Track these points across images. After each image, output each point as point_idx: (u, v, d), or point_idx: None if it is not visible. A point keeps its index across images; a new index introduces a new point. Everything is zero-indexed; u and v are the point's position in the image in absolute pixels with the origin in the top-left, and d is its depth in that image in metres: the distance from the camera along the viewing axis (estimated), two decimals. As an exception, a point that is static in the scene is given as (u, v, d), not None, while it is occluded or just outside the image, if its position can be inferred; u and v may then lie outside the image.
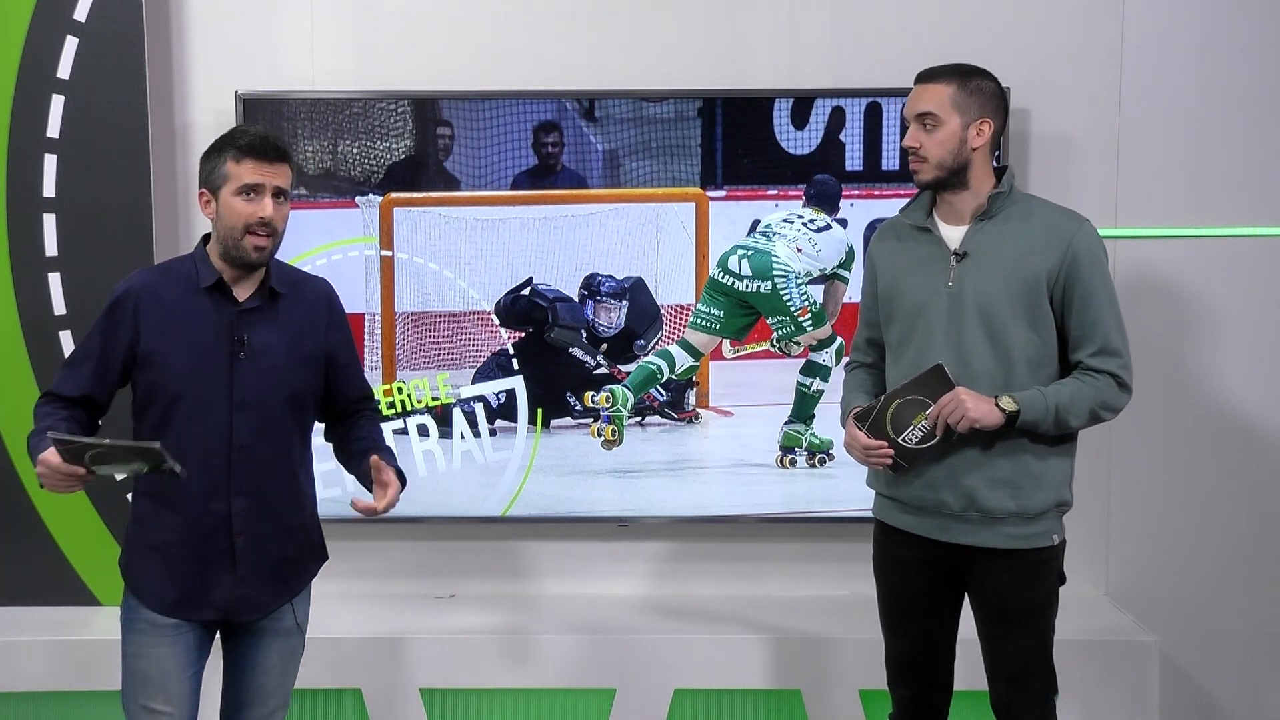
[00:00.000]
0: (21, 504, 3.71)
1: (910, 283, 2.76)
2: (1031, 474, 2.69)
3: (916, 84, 2.73)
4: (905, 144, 2.72)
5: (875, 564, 2.91)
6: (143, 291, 2.62)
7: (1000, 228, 2.70)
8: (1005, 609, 2.75)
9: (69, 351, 3.67)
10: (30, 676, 3.57)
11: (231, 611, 2.66)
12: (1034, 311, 2.66)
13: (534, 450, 3.82)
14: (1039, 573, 2.74)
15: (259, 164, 2.56)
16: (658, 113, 3.73)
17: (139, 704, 2.65)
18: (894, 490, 2.79)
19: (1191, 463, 3.83)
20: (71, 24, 3.60)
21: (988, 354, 2.67)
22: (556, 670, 3.62)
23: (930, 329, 2.72)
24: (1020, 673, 2.76)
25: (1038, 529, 2.72)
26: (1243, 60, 3.73)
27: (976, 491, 2.69)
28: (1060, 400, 2.63)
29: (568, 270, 3.76)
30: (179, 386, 2.58)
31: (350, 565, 3.72)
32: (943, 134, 2.67)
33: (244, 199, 2.56)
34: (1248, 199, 3.76)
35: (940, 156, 2.68)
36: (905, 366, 2.75)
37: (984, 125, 2.69)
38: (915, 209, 2.81)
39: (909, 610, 2.85)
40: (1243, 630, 3.86)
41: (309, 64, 3.78)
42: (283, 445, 2.67)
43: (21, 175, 3.64)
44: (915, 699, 2.90)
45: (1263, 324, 3.79)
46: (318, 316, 2.73)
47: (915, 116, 2.70)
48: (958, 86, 2.68)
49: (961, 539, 2.73)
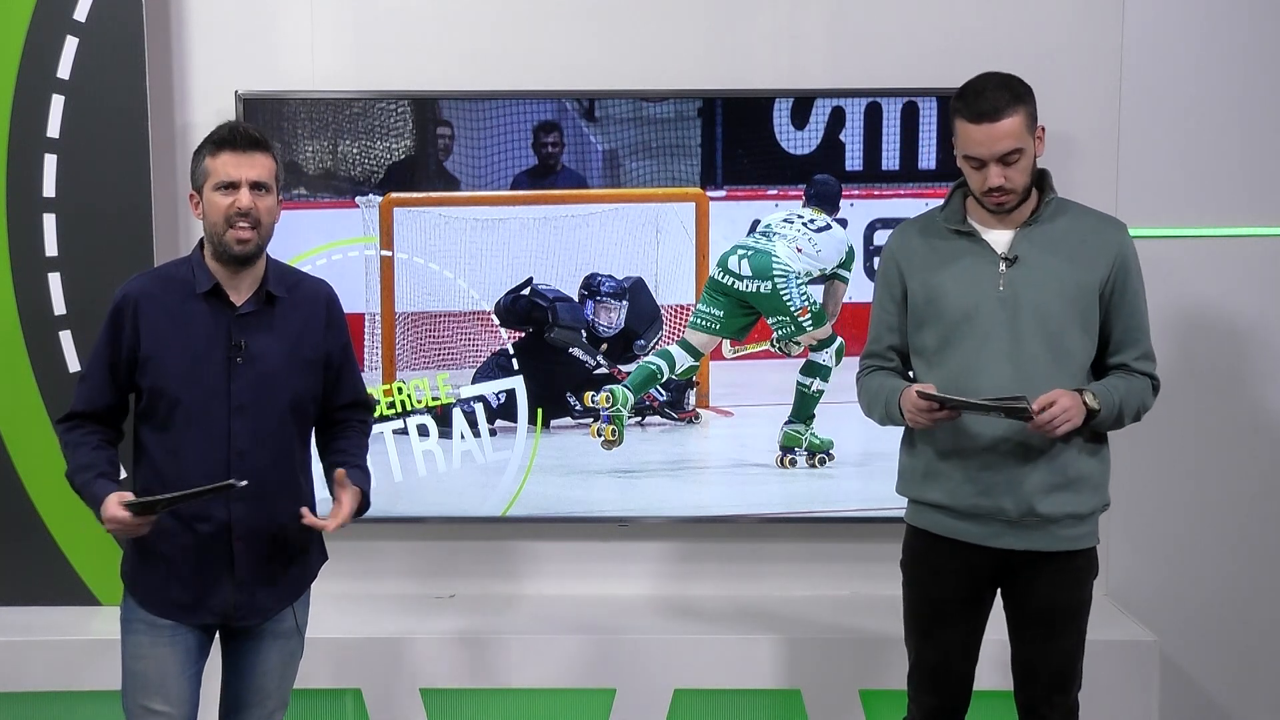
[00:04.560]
0: (21, 504, 3.71)
1: (951, 286, 2.70)
2: (1083, 476, 2.70)
3: (984, 122, 2.59)
4: (991, 185, 2.61)
5: (910, 572, 2.85)
6: (140, 297, 2.62)
7: (1049, 233, 2.68)
8: (1053, 610, 2.74)
9: (69, 351, 3.68)
10: (30, 676, 3.57)
11: (231, 616, 2.65)
12: (1086, 316, 2.67)
13: (534, 450, 3.82)
14: (1084, 573, 2.76)
15: (233, 155, 2.57)
16: (658, 113, 3.73)
17: (138, 704, 2.65)
18: (946, 498, 2.73)
19: (1192, 463, 3.83)
20: (71, 24, 3.60)
21: (1046, 360, 2.65)
22: (556, 670, 3.61)
23: (982, 335, 2.67)
24: (1066, 671, 2.76)
25: (1087, 529, 2.73)
26: (1243, 60, 3.73)
27: (1035, 497, 2.67)
28: (1121, 396, 2.65)
29: (568, 270, 3.76)
30: (177, 391, 2.58)
31: (350, 565, 3.72)
32: (1025, 162, 2.63)
33: (222, 193, 2.57)
34: (1248, 199, 3.76)
35: (1025, 183, 2.66)
36: (951, 372, 2.69)
37: (1040, 133, 2.68)
38: (952, 211, 2.75)
39: (945, 620, 2.80)
40: (1243, 630, 3.86)
41: (309, 64, 3.78)
42: (282, 449, 2.66)
43: (21, 175, 3.64)
44: (939, 709, 2.86)
45: (1263, 324, 3.79)
46: (316, 318, 2.72)
47: (997, 158, 2.60)
48: (1024, 112, 2.61)
49: (1015, 545, 2.70)
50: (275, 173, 2.63)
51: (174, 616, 2.63)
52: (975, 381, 2.64)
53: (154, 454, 2.62)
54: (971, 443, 2.69)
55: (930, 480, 2.76)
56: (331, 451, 2.78)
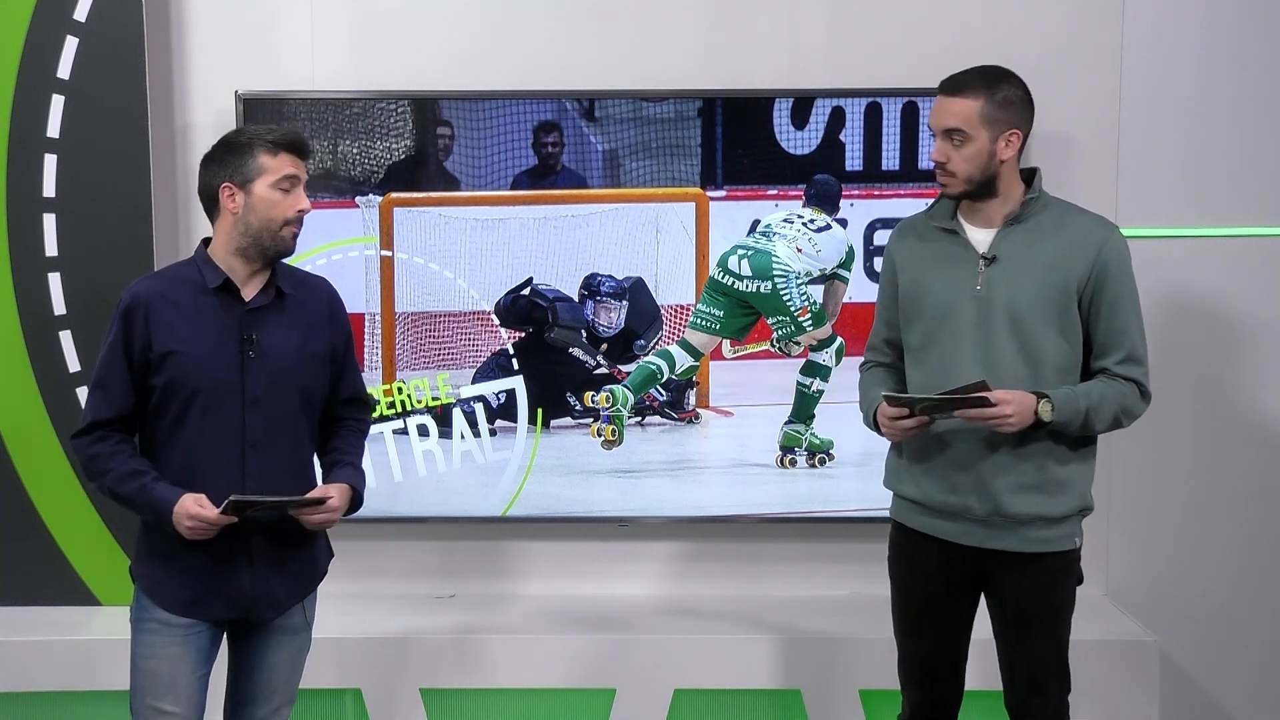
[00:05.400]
0: (21, 504, 3.71)
1: (935, 285, 2.72)
2: (1056, 479, 2.68)
3: (941, 94, 2.64)
4: (933, 158, 2.65)
5: (892, 566, 2.88)
6: (150, 297, 2.62)
7: (1030, 233, 2.67)
8: (1026, 612, 2.73)
9: (69, 351, 3.67)
10: (30, 676, 3.56)
11: (249, 610, 2.66)
12: (1064, 318, 2.65)
13: (534, 450, 3.82)
14: (1060, 576, 2.74)
15: (294, 158, 2.62)
16: (658, 113, 3.73)
17: (148, 704, 2.65)
18: (919, 494, 2.76)
19: (1192, 463, 3.83)
20: (71, 24, 3.59)
21: (1017, 360, 2.65)
22: (556, 670, 3.61)
23: (958, 333, 2.68)
24: (1040, 674, 2.75)
25: (1060, 532, 2.71)
26: (1243, 60, 3.73)
27: (1002, 497, 2.67)
28: (1091, 402, 2.62)
29: (568, 270, 3.76)
30: (192, 386, 2.59)
31: (350, 565, 3.70)
32: (971, 150, 2.61)
33: (282, 192, 2.60)
34: (1248, 199, 3.76)
35: (969, 172, 2.63)
36: (930, 370, 2.72)
37: (1013, 136, 2.63)
38: (940, 210, 2.77)
39: (926, 613, 2.82)
40: (1243, 630, 3.86)
41: (309, 64, 3.78)
42: (296, 443, 2.68)
43: (21, 175, 3.64)
44: (928, 703, 2.88)
45: (1263, 324, 3.79)
46: (321, 313, 2.74)
47: (942, 131, 2.63)
48: (985, 100, 2.60)
49: (985, 543, 2.71)
50: None
51: (191, 613, 2.64)
52: (950, 380, 2.64)
53: (165, 451, 2.62)
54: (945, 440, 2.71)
55: (907, 475, 2.78)
56: (327, 450, 2.80)
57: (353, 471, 2.74)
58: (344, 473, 2.71)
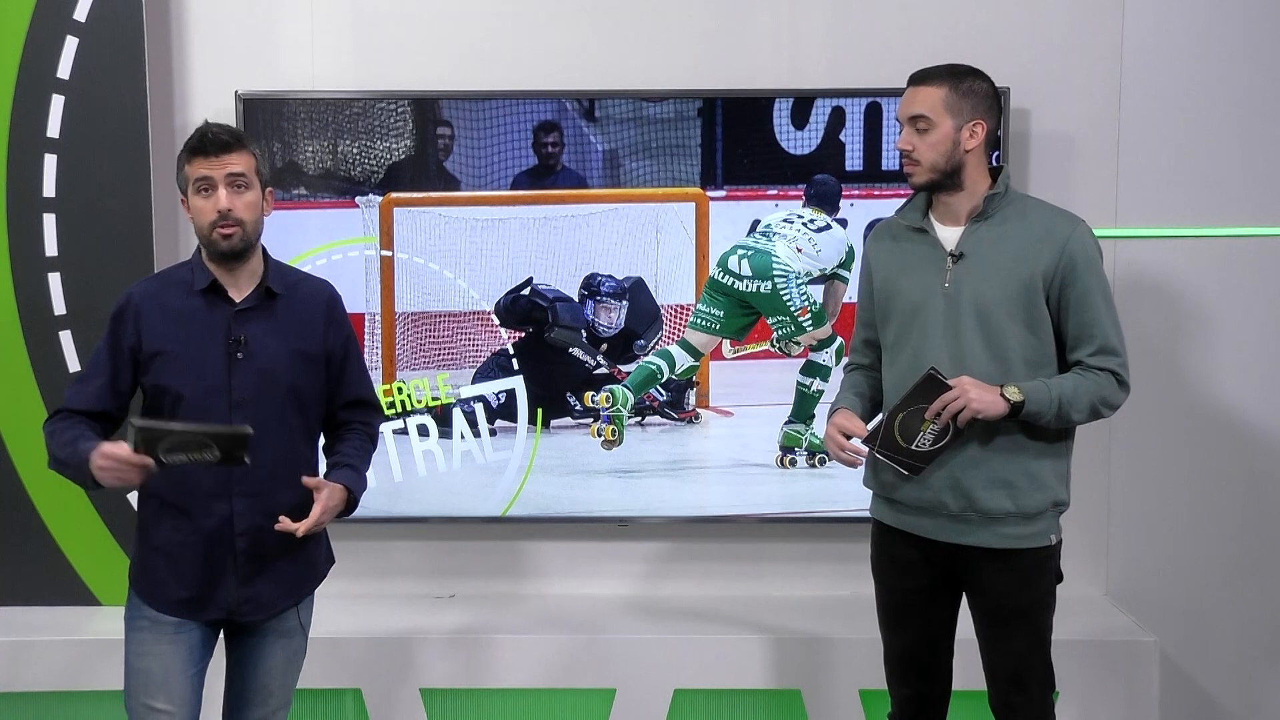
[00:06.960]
0: (21, 504, 3.71)
1: (906, 284, 2.76)
2: (1029, 474, 2.69)
3: (909, 86, 2.73)
4: (899, 146, 2.73)
5: (874, 563, 2.91)
6: (141, 299, 2.65)
7: (996, 229, 2.70)
8: (1003, 609, 2.75)
9: (69, 351, 3.68)
10: (30, 676, 3.57)
11: (235, 612, 2.66)
12: (1031, 312, 2.67)
13: (534, 450, 3.82)
14: (1036, 572, 2.74)
15: (205, 159, 2.60)
16: (658, 113, 3.73)
17: (141, 703, 2.65)
18: (892, 491, 2.79)
19: (1191, 463, 3.83)
20: (71, 24, 3.60)
21: (984, 356, 2.67)
22: (556, 670, 3.61)
23: (927, 331, 2.72)
24: (1019, 672, 2.76)
25: (1035, 529, 2.72)
26: (1243, 60, 3.73)
27: (974, 492, 2.69)
28: (1063, 392, 2.63)
29: (568, 270, 3.76)
30: (180, 388, 2.60)
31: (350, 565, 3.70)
32: (935, 137, 2.68)
33: (202, 196, 2.60)
34: (1248, 199, 3.76)
35: (933, 160, 2.69)
36: (901, 368, 2.76)
37: (977, 127, 2.69)
38: (911, 209, 2.81)
39: (907, 609, 2.86)
40: (1243, 630, 3.86)
41: (309, 64, 3.78)
42: (285, 445, 2.67)
43: (21, 175, 3.64)
44: (914, 698, 2.91)
45: (1262, 324, 3.79)
46: (316, 315, 2.73)
47: (908, 119, 2.70)
48: (950, 88, 2.68)
49: (960, 539, 2.73)
50: (254, 166, 2.64)
51: (178, 613, 2.64)
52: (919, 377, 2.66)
53: None
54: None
55: (882, 472, 2.79)
56: (332, 454, 2.79)
57: (350, 473, 2.73)
58: (340, 474, 2.71)
